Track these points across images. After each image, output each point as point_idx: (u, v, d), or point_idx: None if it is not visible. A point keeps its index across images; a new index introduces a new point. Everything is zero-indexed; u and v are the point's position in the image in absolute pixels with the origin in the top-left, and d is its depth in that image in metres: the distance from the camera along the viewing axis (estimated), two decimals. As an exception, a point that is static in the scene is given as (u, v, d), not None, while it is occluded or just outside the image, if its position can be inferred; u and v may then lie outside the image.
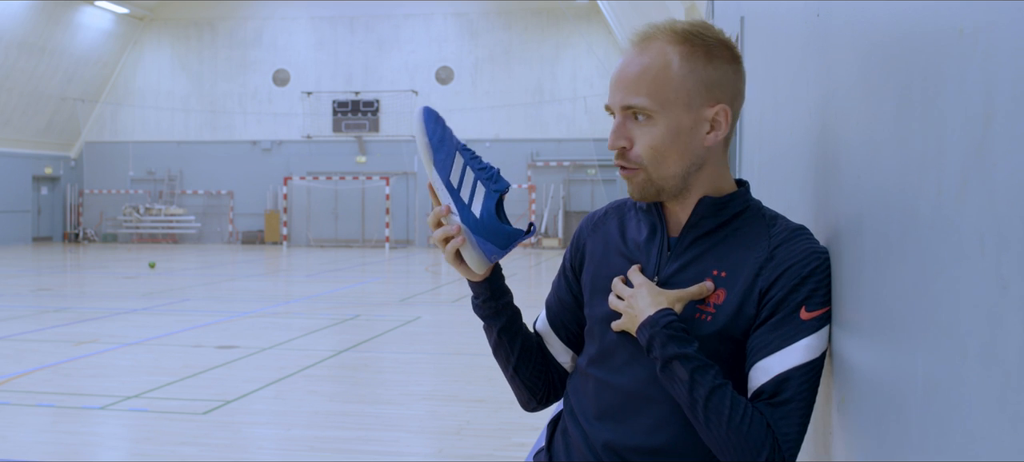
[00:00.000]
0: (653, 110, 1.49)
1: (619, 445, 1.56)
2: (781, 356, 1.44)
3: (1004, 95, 0.72)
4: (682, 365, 1.45)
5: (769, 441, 1.42)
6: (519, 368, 1.75)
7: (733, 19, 4.47)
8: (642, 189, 1.54)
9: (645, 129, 1.50)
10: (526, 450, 5.45)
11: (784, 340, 1.45)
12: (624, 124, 1.52)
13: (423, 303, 13.50)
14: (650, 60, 1.50)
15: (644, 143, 1.51)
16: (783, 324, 1.45)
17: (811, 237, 1.50)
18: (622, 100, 1.51)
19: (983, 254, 0.75)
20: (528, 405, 1.82)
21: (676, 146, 1.50)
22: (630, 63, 1.52)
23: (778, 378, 1.44)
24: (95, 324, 10.96)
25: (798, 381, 1.44)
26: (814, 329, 1.44)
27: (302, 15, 29.56)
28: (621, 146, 1.52)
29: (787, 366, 1.44)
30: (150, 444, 5.68)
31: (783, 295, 1.45)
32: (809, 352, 1.44)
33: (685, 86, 1.50)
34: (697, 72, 1.50)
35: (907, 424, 0.98)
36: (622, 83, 1.52)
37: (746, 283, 1.48)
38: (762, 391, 1.45)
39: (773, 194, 2.30)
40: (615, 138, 1.52)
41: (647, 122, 1.50)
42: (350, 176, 28.90)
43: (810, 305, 1.45)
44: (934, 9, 0.90)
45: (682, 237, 1.56)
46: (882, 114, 1.12)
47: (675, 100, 1.50)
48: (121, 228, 29.96)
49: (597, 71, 28.03)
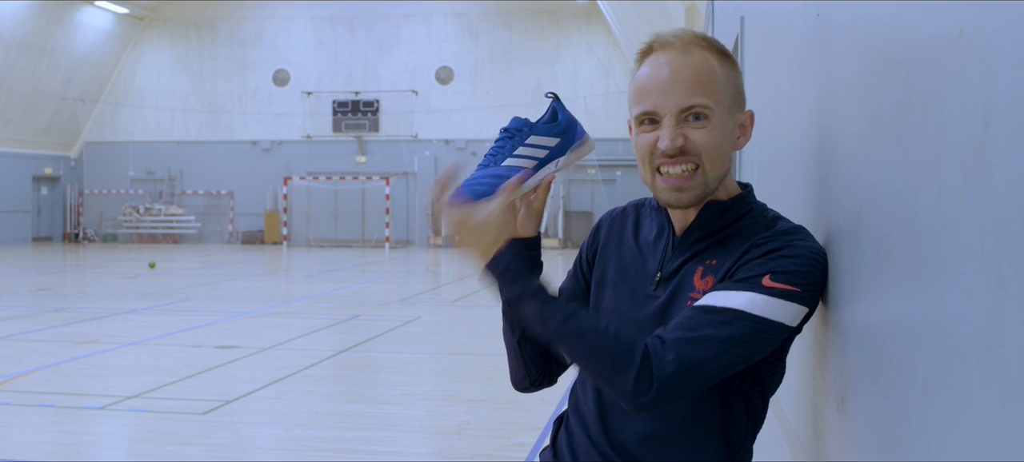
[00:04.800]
0: (711, 111, 1.50)
1: (622, 436, 1.58)
2: (720, 295, 1.41)
3: (1004, 95, 0.72)
4: (532, 301, 1.47)
5: (640, 354, 1.37)
6: (523, 339, 1.72)
7: (733, 19, 4.47)
8: (699, 193, 1.52)
9: (701, 131, 1.50)
10: (526, 450, 5.46)
11: (731, 287, 1.42)
12: (678, 126, 1.50)
13: (423, 303, 13.50)
14: (700, 63, 1.51)
15: (702, 143, 1.50)
16: (741, 280, 1.42)
17: (809, 236, 1.51)
18: (682, 101, 1.49)
19: (983, 254, 0.75)
20: (520, 383, 1.79)
21: (725, 147, 1.53)
22: (680, 66, 1.51)
23: (704, 307, 1.41)
24: (95, 324, 10.95)
25: (721, 319, 1.38)
26: (770, 293, 1.39)
27: (302, 15, 29.56)
28: (680, 145, 1.49)
29: (719, 303, 1.40)
30: (150, 444, 5.68)
31: (755, 263, 1.44)
32: (750, 305, 1.39)
33: (727, 90, 1.53)
34: (732, 79, 1.55)
35: (907, 424, 0.98)
36: (676, 85, 1.50)
37: (731, 263, 1.49)
38: (680, 316, 1.43)
39: (773, 194, 2.31)
40: (675, 138, 1.49)
41: (703, 123, 1.50)
42: (350, 176, 28.90)
43: (777, 276, 1.40)
44: (934, 10, 0.91)
45: (686, 237, 1.59)
46: (882, 114, 1.12)
47: (724, 102, 1.52)
48: (121, 228, 29.96)
49: (597, 71, 28.03)
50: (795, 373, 1.80)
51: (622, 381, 1.36)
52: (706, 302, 1.41)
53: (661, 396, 1.36)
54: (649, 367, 1.36)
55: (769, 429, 1.95)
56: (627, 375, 1.36)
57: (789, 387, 1.94)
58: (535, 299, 1.47)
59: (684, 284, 1.55)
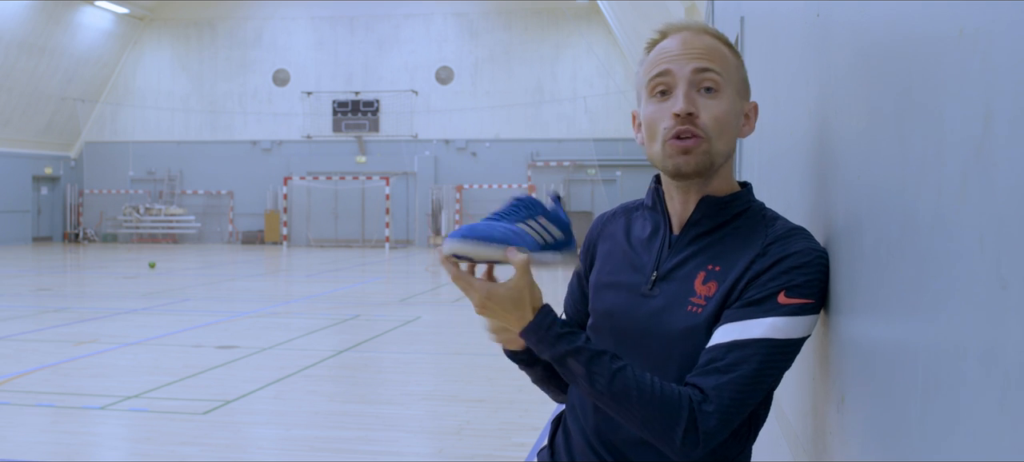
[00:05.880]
0: (723, 83, 1.53)
1: (616, 438, 1.58)
2: (743, 326, 1.43)
3: (1004, 95, 0.72)
4: (576, 360, 1.46)
5: (686, 412, 1.39)
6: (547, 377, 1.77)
7: (733, 19, 4.47)
8: (700, 161, 1.52)
9: (711, 102, 1.53)
10: (526, 450, 5.46)
11: (751, 314, 1.43)
12: (690, 92, 1.53)
13: (423, 303, 13.50)
14: (712, 43, 1.56)
15: (711, 114, 1.52)
16: (758, 302, 1.44)
17: (810, 237, 1.51)
18: (695, 64, 1.52)
19: (983, 254, 0.75)
20: (558, 398, 1.84)
21: (731, 125, 1.55)
22: (694, 40, 1.55)
23: (730, 344, 1.42)
24: (95, 324, 10.96)
25: (749, 353, 1.41)
26: (788, 313, 1.42)
27: (302, 15, 29.57)
28: (690, 111, 1.51)
29: (745, 336, 1.42)
30: (150, 444, 5.68)
31: (766, 279, 1.45)
32: (774, 331, 1.41)
33: (736, 74, 1.57)
34: (740, 68, 1.59)
35: (907, 424, 0.98)
36: (691, 51, 1.54)
37: (736, 276, 1.49)
38: (709, 352, 1.44)
39: (773, 194, 2.31)
40: (688, 103, 1.51)
41: (713, 95, 1.53)
42: (350, 176, 28.90)
43: (791, 292, 1.43)
44: (934, 10, 0.90)
45: (683, 234, 1.59)
46: (882, 114, 1.12)
47: (734, 81, 1.56)
48: (121, 228, 29.96)
49: (597, 71, 28.04)
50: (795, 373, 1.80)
51: (669, 440, 1.41)
52: (731, 337, 1.43)
53: (707, 447, 1.40)
54: (694, 424, 1.40)
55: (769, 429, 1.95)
56: (674, 434, 1.40)
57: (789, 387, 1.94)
58: (579, 357, 1.46)
59: (684, 287, 1.54)
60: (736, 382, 1.40)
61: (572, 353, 1.46)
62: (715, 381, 1.41)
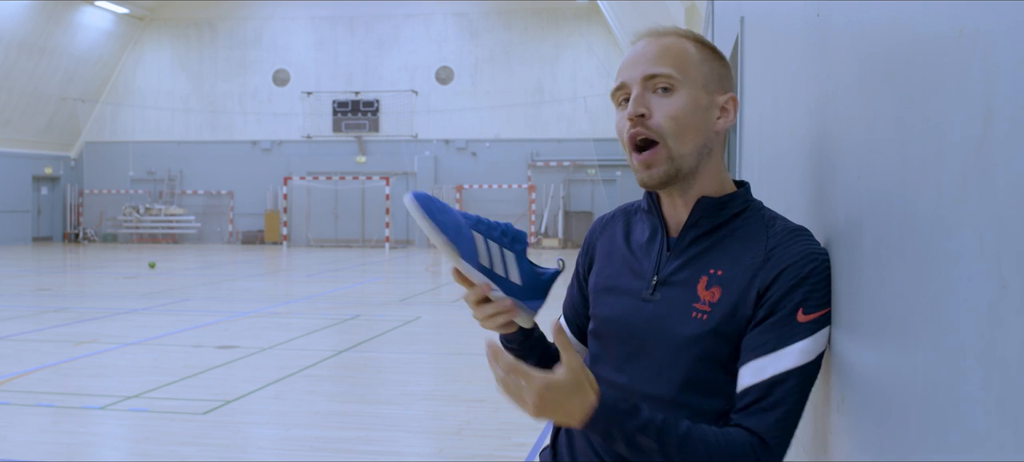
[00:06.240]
0: (676, 81, 1.52)
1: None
2: (775, 358, 1.43)
3: (1004, 95, 0.72)
4: (645, 435, 1.42)
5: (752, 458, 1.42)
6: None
7: (733, 19, 4.47)
8: (664, 170, 1.52)
9: (665, 101, 1.52)
10: (526, 450, 5.46)
11: (779, 341, 1.44)
12: (644, 94, 1.53)
13: (423, 303, 13.50)
14: (670, 43, 1.55)
15: (665, 113, 1.51)
16: (779, 325, 1.44)
17: (811, 238, 1.50)
18: (644, 70, 1.53)
19: (983, 254, 0.75)
20: None
21: (694, 120, 1.53)
22: (648, 44, 1.56)
23: (771, 381, 1.43)
24: (95, 324, 10.96)
25: (791, 385, 1.43)
26: (811, 332, 1.43)
27: (302, 15, 29.57)
28: (641, 113, 1.51)
29: (781, 369, 1.43)
30: (150, 444, 5.68)
31: (780, 295, 1.45)
32: (804, 355, 1.43)
33: (702, 70, 1.55)
34: (709, 63, 1.57)
35: (907, 424, 0.98)
36: (643, 58, 1.54)
37: (743, 283, 1.48)
38: (751, 391, 1.45)
39: (773, 194, 2.30)
40: (636, 106, 1.51)
41: (668, 94, 1.52)
42: (350, 176, 28.90)
43: (808, 307, 1.43)
44: (934, 10, 0.90)
45: (681, 237, 1.57)
46: (882, 114, 1.12)
47: (695, 77, 1.54)
48: (121, 228, 29.96)
49: (597, 71, 28.04)
50: (795, 373, 1.80)
51: None
52: (768, 374, 1.43)
53: None
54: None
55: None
56: None
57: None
58: (649, 432, 1.42)
59: (687, 292, 1.53)
60: (785, 417, 1.43)
61: (640, 429, 1.42)
62: (767, 422, 1.43)
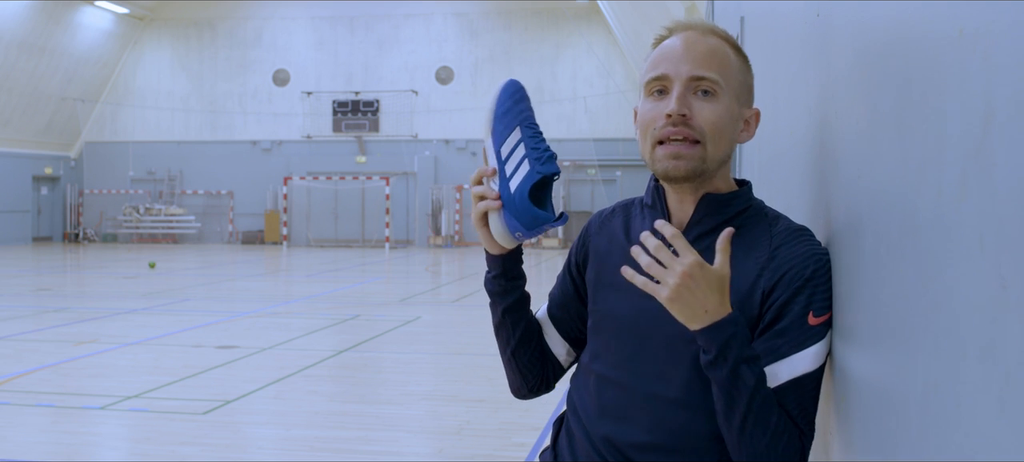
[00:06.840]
0: (719, 87, 1.51)
1: (620, 441, 1.56)
2: (790, 362, 1.44)
3: (1004, 95, 0.72)
4: (749, 369, 1.41)
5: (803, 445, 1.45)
6: (517, 352, 1.77)
7: (733, 19, 4.48)
8: (692, 167, 1.51)
9: (707, 105, 1.51)
10: (526, 450, 5.46)
11: (793, 346, 1.44)
12: (686, 95, 1.51)
13: (423, 303, 13.50)
14: (715, 45, 1.54)
15: (707, 117, 1.50)
16: (791, 329, 1.45)
17: (813, 238, 1.51)
18: (693, 70, 1.51)
19: (983, 254, 0.75)
20: (519, 391, 1.85)
21: (728, 130, 1.53)
22: (697, 41, 1.53)
23: (787, 385, 1.44)
24: (95, 324, 10.96)
25: (807, 389, 1.45)
26: (822, 335, 1.45)
27: (302, 15, 29.57)
28: (684, 113, 1.50)
29: (796, 373, 1.44)
30: (150, 444, 5.68)
31: (787, 298, 1.45)
32: (817, 359, 1.45)
33: (738, 80, 1.55)
34: (744, 73, 1.57)
35: (907, 424, 0.98)
36: (689, 56, 1.51)
37: (747, 284, 1.48)
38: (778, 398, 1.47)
39: (773, 194, 2.31)
40: (681, 105, 1.50)
41: (710, 98, 1.51)
42: (350, 176, 28.90)
43: (817, 309, 1.45)
44: (934, 9, 0.90)
45: (685, 234, 1.56)
46: (882, 114, 1.12)
47: (734, 87, 1.54)
48: (121, 228, 29.96)
49: (597, 71, 28.04)
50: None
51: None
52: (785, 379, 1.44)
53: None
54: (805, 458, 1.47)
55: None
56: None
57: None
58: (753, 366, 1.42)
59: None
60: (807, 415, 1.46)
61: (749, 360, 1.41)
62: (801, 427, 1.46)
